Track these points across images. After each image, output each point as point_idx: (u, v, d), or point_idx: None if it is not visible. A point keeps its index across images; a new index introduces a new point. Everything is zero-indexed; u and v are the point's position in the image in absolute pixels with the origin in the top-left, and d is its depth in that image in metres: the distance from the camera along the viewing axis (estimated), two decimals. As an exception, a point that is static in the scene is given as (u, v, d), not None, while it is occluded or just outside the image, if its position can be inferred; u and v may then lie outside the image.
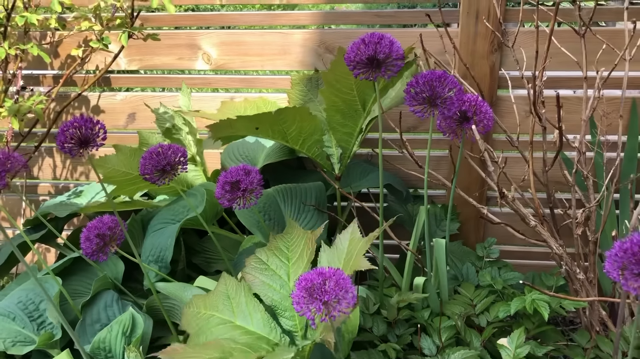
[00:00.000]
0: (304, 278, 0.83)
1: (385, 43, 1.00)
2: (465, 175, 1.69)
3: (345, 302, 0.82)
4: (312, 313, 0.81)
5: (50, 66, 1.73)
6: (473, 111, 1.16)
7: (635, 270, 0.75)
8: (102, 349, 1.17)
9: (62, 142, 1.05)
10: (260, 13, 1.63)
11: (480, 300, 1.32)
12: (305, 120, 1.25)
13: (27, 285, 1.33)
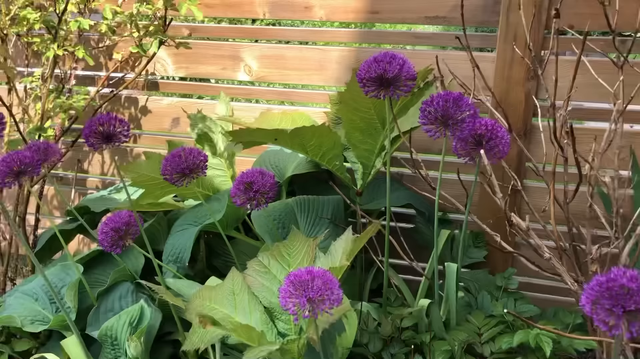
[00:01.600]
0: (294, 274, 0.85)
1: (397, 63, 1.02)
2: (492, 201, 1.65)
3: (329, 302, 0.84)
4: (295, 308, 0.83)
5: (105, 68, 1.85)
6: (489, 135, 1.15)
7: (607, 304, 0.72)
8: (109, 336, 1.23)
9: (87, 136, 1.12)
10: (300, 29, 1.68)
11: (487, 329, 1.30)
12: (324, 136, 1.27)
13: (54, 270, 1.42)
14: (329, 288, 0.83)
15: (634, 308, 0.72)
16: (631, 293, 0.72)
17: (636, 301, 0.72)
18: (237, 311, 1.14)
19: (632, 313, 0.73)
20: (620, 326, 0.72)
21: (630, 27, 1.41)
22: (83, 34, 1.62)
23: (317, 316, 0.83)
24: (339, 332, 1.19)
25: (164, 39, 1.51)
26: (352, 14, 1.61)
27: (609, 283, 0.73)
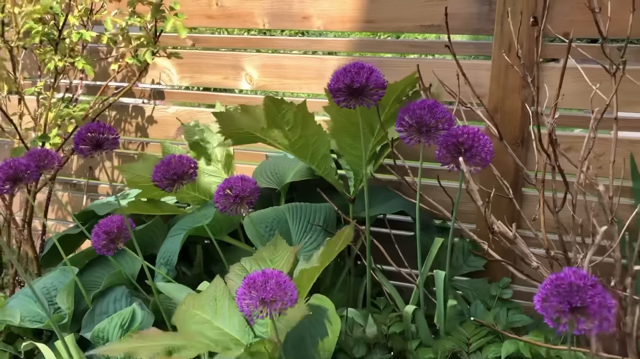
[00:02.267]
0: (249, 277, 0.88)
1: (364, 72, 1.03)
2: (494, 210, 1.64)
3: (282, 302, 0.86)
4: (249, 309, 0.85)
5: (114, 78, 1.91)
6: (470, 143, 1.15)
7: (554, 301, 0.72)
8: (101, 337, 1.27)
9: (77, 143, 1.17)
10: (299, 38, 1.71)
11: (476, 339, 1.29)
12: (310, 129, 1.29)
13: (54, 273, 1.48)
14: (282, 289, 0.85)
15: (580, 305, 0.72)
16: (578, 290, 0.72)
17: (582, 298, 0.72)
18: (217, 316, 1.17)
19: (579, 310, 0.73)
20: (566, 323, 0.73)
21: (624, 34, 1.40)
22: (87, 46, 1.68)
23: (271, 316, 0.85)
24: (322, 336, 1.20)
25: (155, 50, 1.55)
26: (348, 24, 1.63)
27: (557, 281, 0.73)
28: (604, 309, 0.74)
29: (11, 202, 1.67)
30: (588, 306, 0.73)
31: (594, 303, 0.73)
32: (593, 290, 0.74)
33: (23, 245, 1.67)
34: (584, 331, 0.74)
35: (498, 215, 1.64)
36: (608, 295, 0.76)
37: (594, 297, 0.73)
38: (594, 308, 0.73)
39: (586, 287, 0.74)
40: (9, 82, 1.51)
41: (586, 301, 0.73)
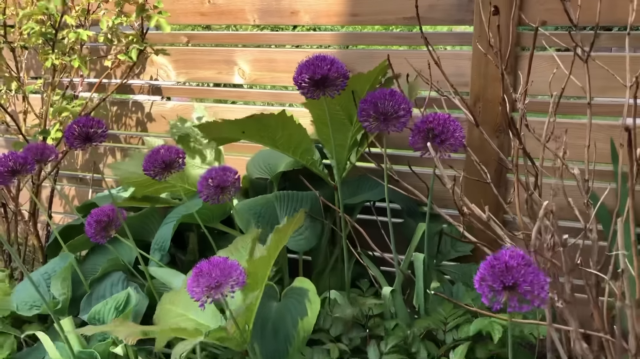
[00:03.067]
0: (197, 266, 0.94)
1: (325, 63, 1.09)
2: (479, 195, 1.69)
3: (227, 286, 0.92)
4: (198, 295, 0.92)
5: (114, 75, 1.99)
6: (439, 129, 1.20)
7: (489, 280, 0.77)
8: (97, 319, 1.35)
9: (67, 137, 1.24)
10: (289, 33, 1.77)
11: (453, 319, 1.34)
12: (291, 128, 1.35)
13: (55, 259, 1.56)
14: (227, 274, 0.91)
15: (512, 284, 0.77)
16: (510, 269, 0.77)
17: (515, 277, 0.77)
18: (191, 309, 1.23)
19: (511, 288, 0.77)
20: (500, 301, 0.77)
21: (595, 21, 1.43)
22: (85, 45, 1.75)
23: (219, 300, 0.91)
24: (302, 316, 1.26)
25: (142, 47, 1.62)
26: (334, 17, 1.68)
27: (494, 262, 0.78)
28: (536, 287, 0.78)
29: (17, 195, 1.76)
30: (520, 285, 0.78)
31: (526, 282, 0.78)
32: (526, 269, 0.79)
33: (29, 236, 1.76)
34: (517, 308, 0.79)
35: (484, 201, 1.68)
36: (542, 274, 0.80)
37: (526, 276, 0.78)
38: (526, 287, 0.78)
39: (519, 267, 0.79)
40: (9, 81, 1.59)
41: (518, 280, 0.78)
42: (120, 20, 1.58)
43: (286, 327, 1.24)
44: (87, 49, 1.94)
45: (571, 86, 1.51)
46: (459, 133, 1.23)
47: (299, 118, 1.72)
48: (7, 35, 1.67)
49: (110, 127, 2.07)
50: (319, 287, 1.34)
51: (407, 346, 1.22)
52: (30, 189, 1.51)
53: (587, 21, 1.49)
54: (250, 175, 1.78)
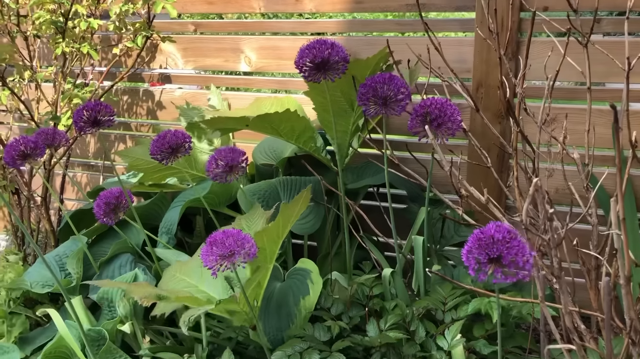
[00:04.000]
0: (212, 236, 0.98)
1: (325, 47, 1.11)
2: (482, 180, 1.71)
3: (239, 255, 0.95)
4: (211, 263, 0.95)
5: (125, 64, 2.03)
6: (437, 113, 1.22)
7: (476, 253, 0.80)
8: (105, 299, 1.40)
9: (76, 121, 1.28)
10: (293, 21, 1.79)
11: (452, 299, 1.37)
12: (294, 120, 1.38)
13: (67, 243, 1.61)
14: (240, 244, 0.94)
15: (497, 256, 0.79)
16: (496, 242, 0.80)
17: (499, 249, 0.79)
18: (203, 281, 1.27)
19: (496, 260, 0.80)
20: (485, 272, 0.80)
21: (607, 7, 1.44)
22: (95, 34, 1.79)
23: (232, 269, 0.94)
24: (304, 295, 1.30)
25: (149, 35, 1.66)
26: (338, 5, 1.71)
27: (480, 235, 0.81)
28: (520, 259, 0.81)
29: (30, 181, 1.81)
30: (504, 256, 0.81)
31: (510, 254, 0.80)
32: (511, 243, 0.81)
33: (42, 221, 1.81)
34: (502, 279, 0.81)
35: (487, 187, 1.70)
36: (526, 247, 0.83)
37: (510, 249, 0.81)
38: (509, 259, 0.80)
39: (504, 240, 0.81)
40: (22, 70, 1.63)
41: (502, 252, 0.81)
42: (128, 7, 1.62)
43: (288, 305, 1.28)
44: (99, 38, 1.98)
45: (573, 72, 1.52)
46: (457, 116, 1.25)
47: (303, 104, 1.76)
48: (20, 25, 1.72)
49: (121, 115, 2.12)
50: (322, 271, 1.38)
51: (406, 324, 1.25)
52: (43, 175, 1.56)
53: (588, 6, 1.50)
54: (256, 161, 1.81)
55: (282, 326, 1.27)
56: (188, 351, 1.36)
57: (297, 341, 1.17)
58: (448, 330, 1.19)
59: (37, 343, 1.45)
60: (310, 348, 1.16)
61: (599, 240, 1.43)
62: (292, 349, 1.15)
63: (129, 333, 1.36)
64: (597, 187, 1.37)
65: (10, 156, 1.33)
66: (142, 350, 1.33)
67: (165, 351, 1.34)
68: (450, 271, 1.55)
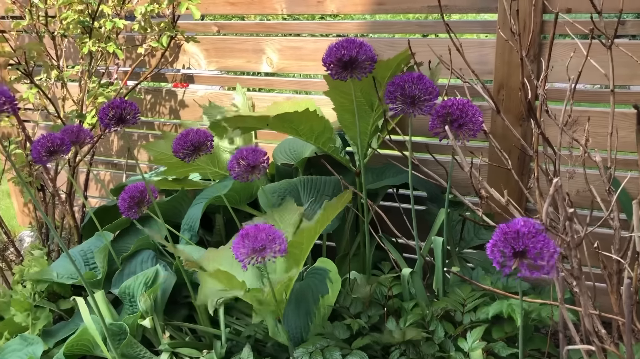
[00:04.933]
0: (244, 229, 0.99)
1: (354, 46, 1.12)
2: (502, 182, 1.70)
3: (271, 251, 0.96)
4: (242, 257, 0.97)
5: (148, 64, 2.06)
6: (458, 114, 1.22)
7: (501, 246, 0.80)
8: (127, 294, 1.42)
9: (101, 118, 1.31)
10: (315, 22, 1.81)
11: (471, 301, 1.36)
12: (313, 120, 1.39)
13: (91, 239, 1.64)
14: (272, 239, 0.95)
15: (522, 249, 0.79)
16: (522, 236, 0.80)
17: (525, 243, 0.79)
18: (234, 269, 1.29)
19: (521, 254, 0.80)
20: (510, 266, 0.80)
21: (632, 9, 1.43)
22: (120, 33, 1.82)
23: (262, 263, 0.95)
24: (323, 294, 1.30)
25: (173, 35, 1.69)
26: (360, 6, 1.72)
27: (506, 229, 0.81)
28: (545, 254, 0.81)
29: (55, 178, 1.84)
30: (529, 251, 0.81)
31: (535, 248, 0.80)
32: (537, 237, 0.81)
33: (65, 216, 1.84)
34: (527, 273, 0.81)
35: (510, 189, 1.70)
36: (552, 242, 0.82)
37: (536, 243, 0.81)
38: (535, 252, 0.80)
39: (530, 234, 0.81)
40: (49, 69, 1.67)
41: (528, 246, 0.81)
42: (153, 7, 1.65)
43: (308, 303, 1.29)
44: (123, 38, 2.02)
45: (596, 74, 1.51)
46: (478, 117, 1.25)
47: (321, 105, 1.77)
48: (48, 25, 1.75)
49: (144, 114, 2.15)
50: (341, 271, 1.38)
51: (425, 324, 1.25)
52: (68, 171, 1.59)
53: (612, 8, 1.49)
54: (276, 161, 1.83)
55: (301, 324, 1.27)
56: (207, 347, 1.38)
57: (319, 339, 1.18)
58: (470, 333, 1.19)
59: (60, 336, 1.48)
60: (331, 346, 1.16)
61: (621, 243, 1.41)
62: (313, 346, 1.16)
63: (150, 328, 1.38)
64: (619, 191, 1.37)
65: (37, 152, 1.36)
66: (162, 345, 1.35)
67: (185, 347, 1.36)
68: (469, 273, 1.54)
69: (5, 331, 1.50)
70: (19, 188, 2.48)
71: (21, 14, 1.78)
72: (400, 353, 1.20)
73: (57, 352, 1.37)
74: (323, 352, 1.15)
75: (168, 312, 1.49)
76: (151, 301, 1.36)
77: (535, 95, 1.60)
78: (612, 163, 1.40)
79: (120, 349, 1.30)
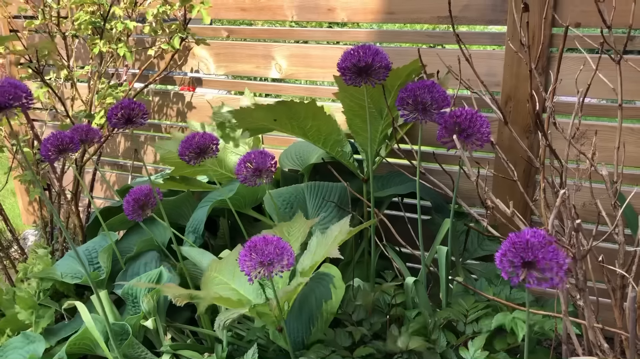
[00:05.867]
0: (251, 241, 0.98)
1: (370, 53, 1.13)
2: (507, 194, 1.70)
3: (279, 265, 0.96)
4: (249, 270, 0.96)
5: (157, 66, 2.07)
6: (467, 124, 1.23)
7: (510, 256, 0.80)
8: (130, 294, 1.42)
9: (109, 118, 1.32)
10: (325, 30, 1.82)
11: (474, 311, 1.36)
12: (320, 119, 1.40)
13: (96, 239, 1.64)
14: (279, 253, 0.95)
15: (532, 259, 0.79)
16: (531, 246, 0.80)
17: (534, 253, 0.79)
18: (235, 279, 1.29)
19: (530, 264, 0.80)
20: (518, 276, 0.80)
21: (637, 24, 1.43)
22: (131, 35, 1.84)
23: (268, 277, 0.95)
24: (326, 299, 1.30)
25: (184, 37, 1.70)
26: (370, 15, 1.73)
27: (515, 239, 0.81)
28: (555, 265, 0.81)
29: (62, 176, 1.85)
30: (539, 261, 0.81)
31: (545, 259, 0.80)
32: (546, 248, 0.81)
33: (71, 215, 1.85)
34: (535, 284, 0.81)
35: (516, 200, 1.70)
36: (561, 253, 0.83)
37: (545, 254, 0.81)
38: (544, 263, 0.80)
39: (540, 244, 0.81)
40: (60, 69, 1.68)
41: (537, 256, 0.81)
42: (165, 8, 1.66)
43: (310, 308, 1.29)
44: (134, 40, 2.03)
45: (604, 89, 1.51)
46: (486, 128, 1.25)
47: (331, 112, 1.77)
48: (60, 25, 1.77)
49: (152, 117, 2.16)
50: (345, 277, 1.38)
51: (428, 333, 1.24)
52: (75, 170, 1.60)
53: (622, 24, 1.49)
54: (283, 166, 1.84)
55: (303, 329, 1.27)
56: (208, 350, 1.37)
57: (321, 347, 1.18)
58: (472, 342, 1.19)
59: (61, 335, 1.48)
60: (332, 355, 1.16)
61: (625, 258, 1.41)
62: (315, 355, 1.16)
63: (152, 329, 1.38)
64: (624, 205, 1.37)
65: (47, 149, 1.36)
66: (164, 347, 1.35)
67: (186, 349, 1.36)
68: (473, 284, 1.54)
69: (7, 329, 1.50)
70: (25, 186, 2.49)
71: (34, 14, 1.79)
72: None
73: (58, 350, 1.37)
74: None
75: (170, 314, 1.49)
76: (154, 302, 1.36)
77: (542, 108, 1.61)
78: (618, 177, 1.40)
79: (122, 350, 1.30)
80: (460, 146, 1.22)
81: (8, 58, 2.17)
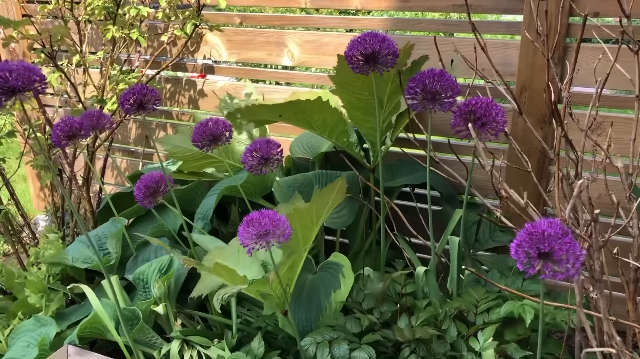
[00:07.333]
0: (249, 216, 0.99)
1: (377, 40, 1.12)
2: (521, 184, 1.68)
3: (274, 235, 0.97)
4: (246, 241, 0.97)
5: (169, 52, 2.07)
6: (481, 112, 1.21)
7: (526, 246, 0.79)
8: (141, 279, 1.42)
9: (122, 103, 1.31)
10: (338, 17, 1.80)
11: (485, 302, 1.35)
12: (326, 112, 1.38)
13: (106, 224, 1.65)
14: (275, 224, 0.95)
15: (548, 251, 0.78)
16: (547, 237, 0.78)
17: (551, 244, 0.78)
18: (239, 265, 1.29)
19: (547, 255, 0.79)
20: (534, 267, 0.79)
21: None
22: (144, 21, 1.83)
23: (266, 248, 0.95)
24: (335, 289, 1.30)
25: (198, 23, 1.69)
26: (384, 3, 1.71)
27: (531, 229, 0.80)
28: (571, 256, 0.80)
29: (73, 162, 1.85)
30: (555, 252, 0.80)
31: (561, 250, 0.79)
32: (562, 239, 0.80)
33: (82, 201, 1.85)
34: (550, 276, 0.80)
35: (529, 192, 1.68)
36: (577, 245, 0.81)
37: (562, 245, 0.80)
38: (560, 254, 0.79)
39: (556, 235, 0.80)
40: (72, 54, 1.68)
41: (554, 247, 0.79)
42: (178, -6, 1.66)
43: (319, 297, 1.28)
44: (146, 26, 2.02)
45: (621, 80, 1.49)
46: (501, 117, 1.24)
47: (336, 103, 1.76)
48: (73, 10, 1.76)
49: (163, 103, 2.16)
50: (354, 267, 1.38)
51: (438, 323, 1.24)
52: (86, 156, 1.60)
53: (638, 14, 1.47)
54: (293, 154, 1.83)
55: (312, 318, 1.27)
56: (218, 336, 1.38)
57: (328, 330, 1.18)
58: (481, 332, 1.18)
59: (72, 319, 1.49)
60: (340, 338, 1.16)
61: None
62: (321, 337, 1.16)
63: (162, 315, 1.38)
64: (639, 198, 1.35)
65: (57, 136, 1.36)
66: (174, 332, 1.35)
67: (196, 335, 1.36)
68: (484, 275, 1.53)
69: (19, 312, 1.51)
70: (36, 172, 2.50)
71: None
72: (411, 350, 1.19)
73: (69, 334, 1.38)
74: (331, 344, 1.14)
75: (180, 300, 1.50)
76: (165, 288, 1.36)
77: (558, 98, 1.59)
78: (634, 170, 1.38)
79: (133, 335, 1.31)
80: (475, 135, 1.21)
81: (21, 43, 2.17)
